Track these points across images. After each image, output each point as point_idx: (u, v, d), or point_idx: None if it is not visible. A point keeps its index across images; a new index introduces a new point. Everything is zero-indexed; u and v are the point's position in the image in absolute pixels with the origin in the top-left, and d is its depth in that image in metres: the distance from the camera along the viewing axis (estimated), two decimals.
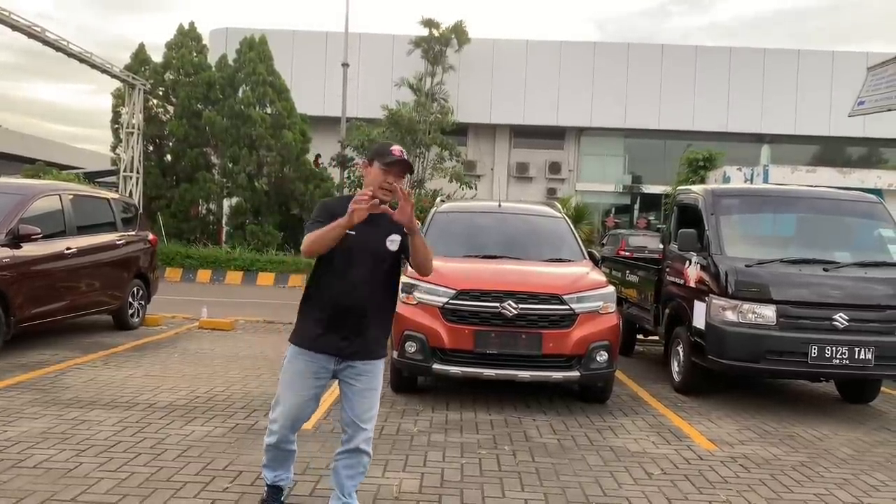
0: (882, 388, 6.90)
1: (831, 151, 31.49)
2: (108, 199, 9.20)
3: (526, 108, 30.07)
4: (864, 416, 6.32)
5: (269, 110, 21.86)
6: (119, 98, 21.80)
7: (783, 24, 74.48)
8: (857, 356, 5.83)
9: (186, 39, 22.47)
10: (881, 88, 16.02)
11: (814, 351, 5.84)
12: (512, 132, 32.03)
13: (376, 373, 3.31)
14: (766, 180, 22.70)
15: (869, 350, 5.83)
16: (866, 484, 4.45)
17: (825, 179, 21.60)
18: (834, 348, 5.84)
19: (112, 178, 23.53)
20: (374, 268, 3.22)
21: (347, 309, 3.18)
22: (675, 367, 6.98)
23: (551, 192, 30.95)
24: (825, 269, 6.17)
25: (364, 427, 3.26)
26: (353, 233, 3.06)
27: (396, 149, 3.19)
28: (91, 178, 24.84)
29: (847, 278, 6.13)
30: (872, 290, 6.08)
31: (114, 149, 22.54)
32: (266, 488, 3.52)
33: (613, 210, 32.59)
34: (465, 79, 28.75)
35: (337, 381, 3.35)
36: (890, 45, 69.24)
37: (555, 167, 31.59)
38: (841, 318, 5.89)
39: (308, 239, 3.11)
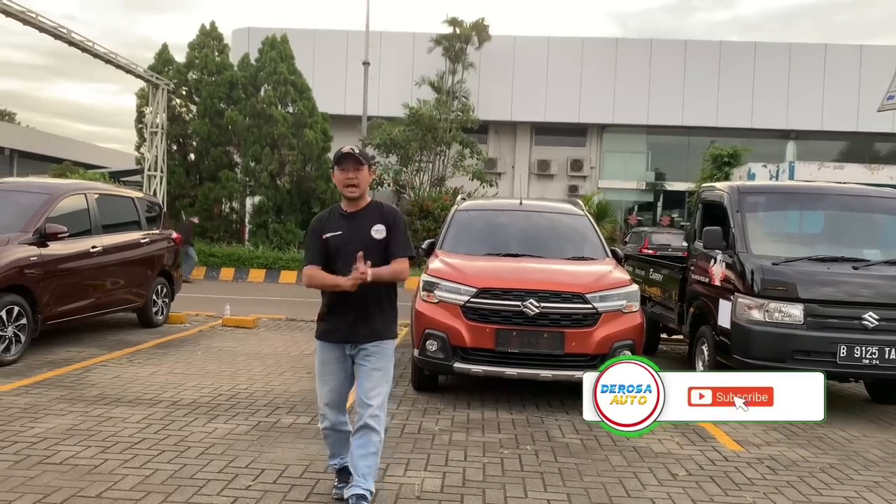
0: None
1: (859, 147, 30.95)
2: (132, 198, 9.30)
3: (547, 105, 29.91)
4: (893, 417, 6.19)
5: (290, 109, 21.98)
6: (143, 98, 22.05)
7: (810, 18, 73.41)
8: (887, 356, 5.70)
9: (208, 39, 22.66)
10: None
11: (843, 351, 5.73)
12: (533, 129, 31.89)
13: (384, 354, 3.61)
14: (791, 177, 22.37)
15: None
16: None
17: (853, 176, 21.24)
18: (863, 348, 5.72)
19: (136, 178, 23.82)
20: (368, 258, 3.44)
21: (350, 300, 3.52)
22: (699, 367, 6.88)
23: (573, 190, 30.77)
24: (854, 268, 6.04)
25: (369, 403, 3.50)
26: (340, 233, 3.56)
27: (346, 147, 3.67)
28: (116, 177, 25.18)
29: (877, 276, 6.00)
30: None
31: (138, 148, 22.82)
32: (335, 474, 3.80)
33: (636, 207, 32.33)
34: (486, 76, 28.66)
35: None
36: None
37: (577, 164, 31.39)
38: (871, 318, 5.77)
39: (307, 275, 3.63)
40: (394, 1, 63.16)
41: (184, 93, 22.63)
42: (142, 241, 8.93)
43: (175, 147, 22.59)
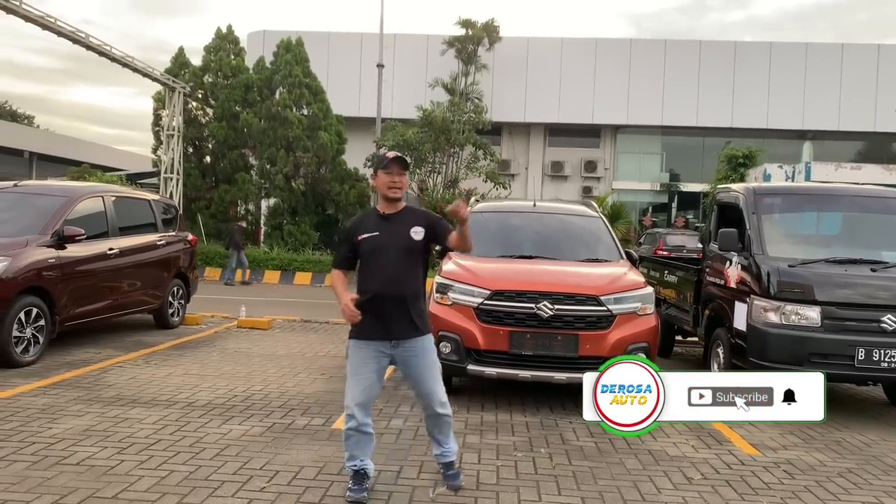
0: None
1: (876, 148, 30.57)
2: (148, 201, 9.38)
3: (561, 106, 29.83)
4: None
5: (305, 112, 22.09)
6: (160, 101, 22.26)
7: (826, 18, 72.69)
8: None
9: (224, 42, 22.84)
10: None
11: (861, 354, 5.66)
12: (546, 131, 31.80)
13: (426, 346, 3.81)
14: (808, 178, 22.15)
15: None
16: None
17: (870, 177, 20.99)
18: (882, 351, 5.65)
19: (153, 180, 24.03)
20: (404, 258, 3.74)
21: (388, 298, 3.69)
22: (714, 370, 6.83)
23: (587, 191, 30.64)
24: (872, 270, 5.98)
25: (436, 396, 3.82)
26: (377, 233, 3.74)
27: (390, 153, 3.88)
28: (133, 179, 25.43)
29: None
30: None
31: (155, 151, 23.02)
32: (351, 475, 3.82)
33: (651, 209, 32.14)
34: (500, 78, 28.64)
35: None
36: None
37: (590, 166, 31.26)
38: (889, 320, 5.70)
39: (332, 277, 3.95)
40: (408, 3, 63.30)
41: (200, 96, 22.82)
42: (158, 243, 9.01)
43: (191, 150, 22.79)
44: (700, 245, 8.25)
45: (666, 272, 8.86)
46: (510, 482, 4.14)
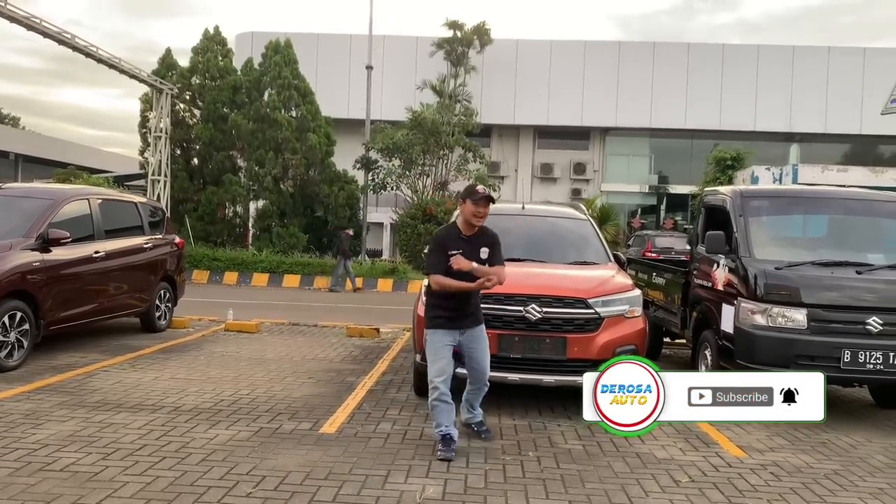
0: None
1: (863, 150, 30.88)
2: (135, 203, 9.32)
3: (550, 108, 29.93)
4: None
5: (293, 113, 22.06)
6: (147, 103, 22.14)
7: (813, 20, 73.27)
8: (892, 361, 5.67)
9: (212, 44, 22.77)
10: None
11: (847, 356, 5.70)
12: (536, 133, 31.90)
13: (483, 333, 4.88)
14: (795, 180, 22.33)
15: None
16: None
17: (857, 179, 21.20)
18: (868, 353, 5.69)
19: (141, 182, 23.90)
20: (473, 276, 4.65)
21: (463, 299, 4.72)
22: (702, 372, 6.86)
23: (576, 193, 30.76)
24: (858, 272, 6.01)
25: (487, 371, 4.91)
26: (460, 252, 4.62)
27: (480, 188, 4.85)
28: (120, 181, 25.28)
29: (881, 281, 5.97)
30: None
31: (142, 153, 22.91)
32: (440, 440, 4.61)
33: (639, 211, 32.30)
34: (489, 80, 28.70)
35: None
36: None
37: (579, 168, 31.38)
38: (875, 322, 5.74)
39: (436, 281, 4.65)
40: (397, 5, 63.28)
41: (187, 97, 22.72)
42: (145, 245, 8.94)
43: (179, 151, 22.69)
44: (688, 247, 8.29)
45: (654, 274, 8.88)
46: (498, 486, 4.13)
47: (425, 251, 7.22)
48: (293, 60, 22.29)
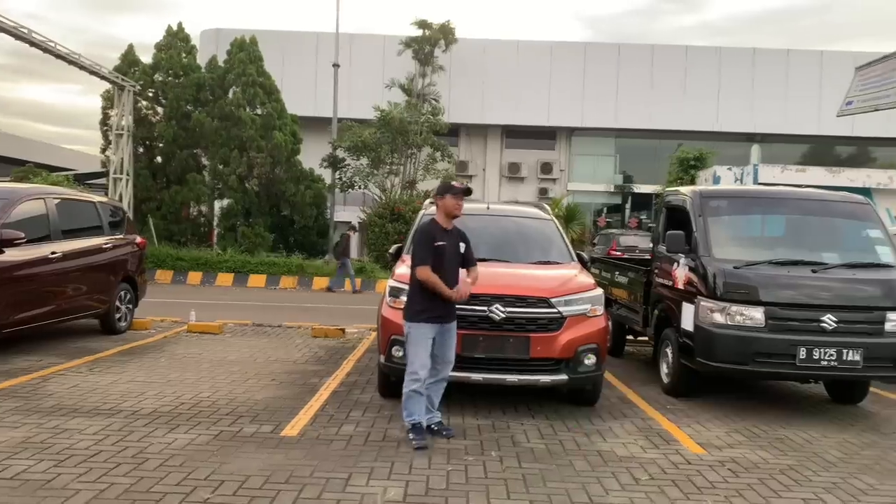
0: (871, 389, 6.89)
1: (821, 150, 31.60)
2: (94, 203, 9.12)
3: (517, 108, 30.06)
4: (852, 417, 6.31)
5: (259, 111, 21.81)
6: (108, 100, 21.70)
7: (774, 23, 74.74)
8: (845, 357, 5.82)
9: (175, 40, 22.39)
10: (869, 88, 16.06)
11: (802, 353, 5.82)
12: (504, 132, 32.02)
13: (455, 329, 5.16)
14: (755, 179, 22.76)
15: (857, 351, 5.82)
16: (854, 488, 4.42)
17: (815, 178, 21.69)
18: (822, 350, 5.83)
19: (102, 180, 23.42)
20: (456, 263, 5.11)
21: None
22: (663, 369, 6.96)
23: (543, 193, 30.96)
24: (813, 271, 6.15)
25: (451, 362, 5.16)
26: (445, 243, 5.00)
27: (457, 183, 5.41)
28: (81, 180, 24.72)
29: (835, 280, 6.11)
30: (860, 292, 6.07)
31: (103, 150, 22.45)
32: (410, 428, 4.92)
33: (605, 210, 32.63)
34: (457, 79, 28.73)
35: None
36: (878, 44, 69.62)
37: (546, 167, 31.59)
38: (829, 320, 5.87)
39: (424, 272, 4.91)
40: (364, 3, 63.03)
41: (150, 94, 22.31)
42: (104, 246, 8.75)
43: (142, 149, 22.27)
44: (651, 245, 8.39)
45: (617, 273, 8.98)
46: (460, 487, 4.13)
47: (390, 251, 7.20)
48: (258, 58, 22.04)
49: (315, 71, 28.20)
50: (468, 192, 5.20)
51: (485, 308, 5.60)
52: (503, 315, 5.59)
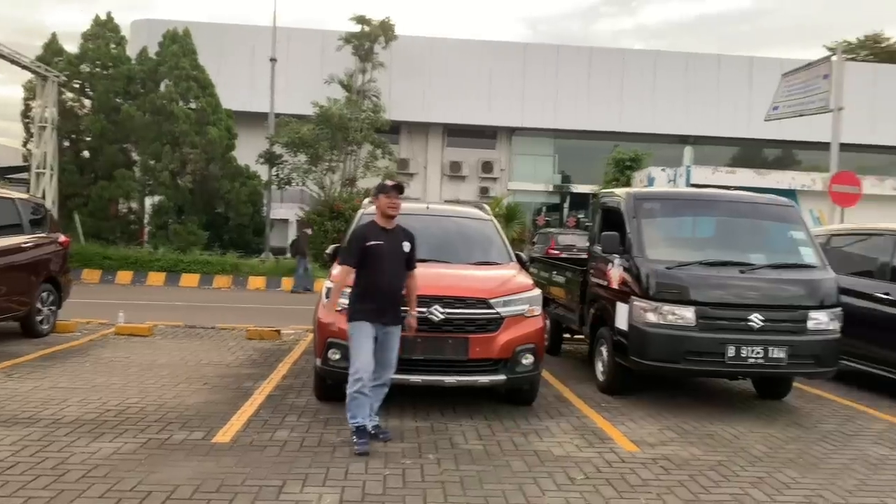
0: (794, 385, 7.16)
1: (750, 153, 32.80)
2: (13, 200, 8.69)
3: (459, 107, 30.13)
4: (777, 412, 6.55)
5: (193, 106, 21.19)
6: (30, 90, 20.70)
7: (708, 28, 77.14)
8: (771, 355, 6.02)
9: (103, 30, 21.51)
10: (794, 94, 16.74)
11: (731, 351, 6.00)
12: (445, 131, 32.06)
13: (399, 333, 5.08)
14: (688, 180, 23.41)
15: (782, 349, 6.03)
16: (779, 482, 4.58)
17: (744, 180, 22.44)
18: (750, 348, 6.01)
19: (24, 175, 22.33)
20: (398, 263, 5.04)
21: (387, 293, 4.96)
22: (599, 368, 7.07)
23: (484, 192, 31.15)
24: (741, 272, 6.34)
25: (392, 367, 5.10)
26: (382, 242, 4.94)
27: (389, 180, 5.27)
28: (1, 174, 23.54)
29: (762, 280, 6.32)
30: (785, 291, 6.29)
31: (25, 143, 21.39)
32: (354, 431, 4.79)
33: (544, 209, 33.06)
34: (398, 77, 28.60)
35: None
36: (805, 51, 72.75)
37: (487, 166, 31.80)
38: (756, 319, 6.07)
39: (342, 271, 5.07)
40: None
41: (76, 86, 21.39)
42: (24, 245, 8.35)
43: (67, 143, 21.31)
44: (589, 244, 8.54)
45: (554, 273, 9.08)
46: (396, 491, 4.08)
47: (327, 250, 7.09)
48: (192, 51, 21.41)
49: (251, 65, 27.60)
50: (399, 187, 5.12)
51: (424, 309, 5.56)
52: (442, 316, 5.57)
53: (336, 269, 6.05)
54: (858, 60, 35.73)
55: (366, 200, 8.58)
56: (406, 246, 5.09)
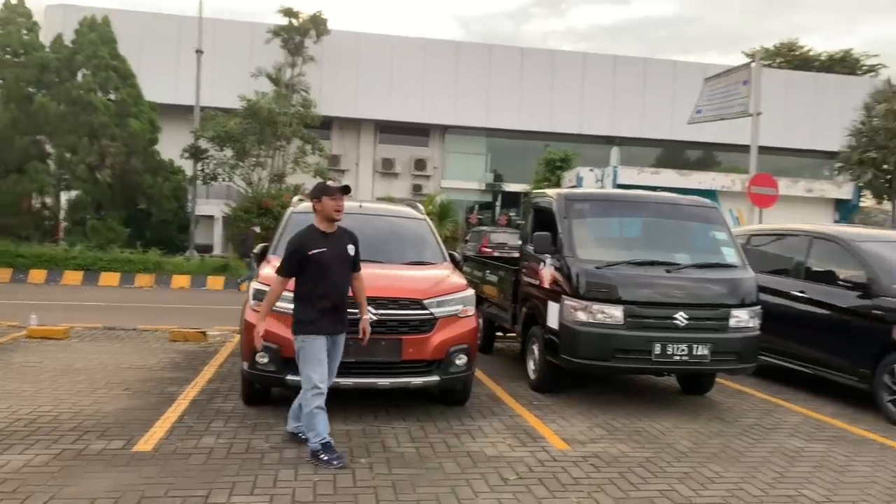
0: (717, 380, 7.41)
1: (673, 154, 33.92)
2: None
3: (391, 104, 30.00)
4: (701, 407, 6.75)
5: (112, 97, 20.30)
6: None
7: (633, 32, 79.33)
8: (694, 352, 6.20)
9: (14, 15, 20.33)
10: (715, 99, 17.40)
11: (657, 348, 6.15)
12: (377, 127, 31.86)
13: (343, 340, 4.89)
14: (615, 180, 23.97)
15: (705, 346, 6.22)
16: (703, 476, 4.71)
17: (668, 180, 23.14)
18: (675, 345, 6.17)
19: None
20: (344, 269, 4.81)
21: (337, 302, 4.73)
22: (531, 366, 7.13)
23: (417, 189, 31.12)
24: (667, 271, 6.51)
25: (334, 373, 4.89)
26: (325, 249, 4.66)
27: (332, 182, 5.04)
28: None
29: (686, 279, 6.50)
30: (708, 290, 6.49)
31: None
32: (322, 448, 4.55)
33: (477, 207, 33.28)
34: (330, 72, 28.23)
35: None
36: (725, 57, 75.77)
37: (420, 164, 31.78)
38: (681, 317, 6.23)
39: (278, 283, 4.75)
40: None
41: None
42: None
43: None
44: (520, 243, 8.61)
45: (487, 272, 9.12)
46: (327, 498, 3.99)
47: (255, 250, 6.89)
48: (112, 39, 20.50)
49: (177, 56, 26.69)
50: (346, 190, 4.82)
51: (355, 311, 5.46)
52: (375, 318, 5.48)
53: (267, 272, 5.87)
54: (774, 67, 37.48)
55: (295, 198, 8.36)
56: (351, 249, 4.82)
